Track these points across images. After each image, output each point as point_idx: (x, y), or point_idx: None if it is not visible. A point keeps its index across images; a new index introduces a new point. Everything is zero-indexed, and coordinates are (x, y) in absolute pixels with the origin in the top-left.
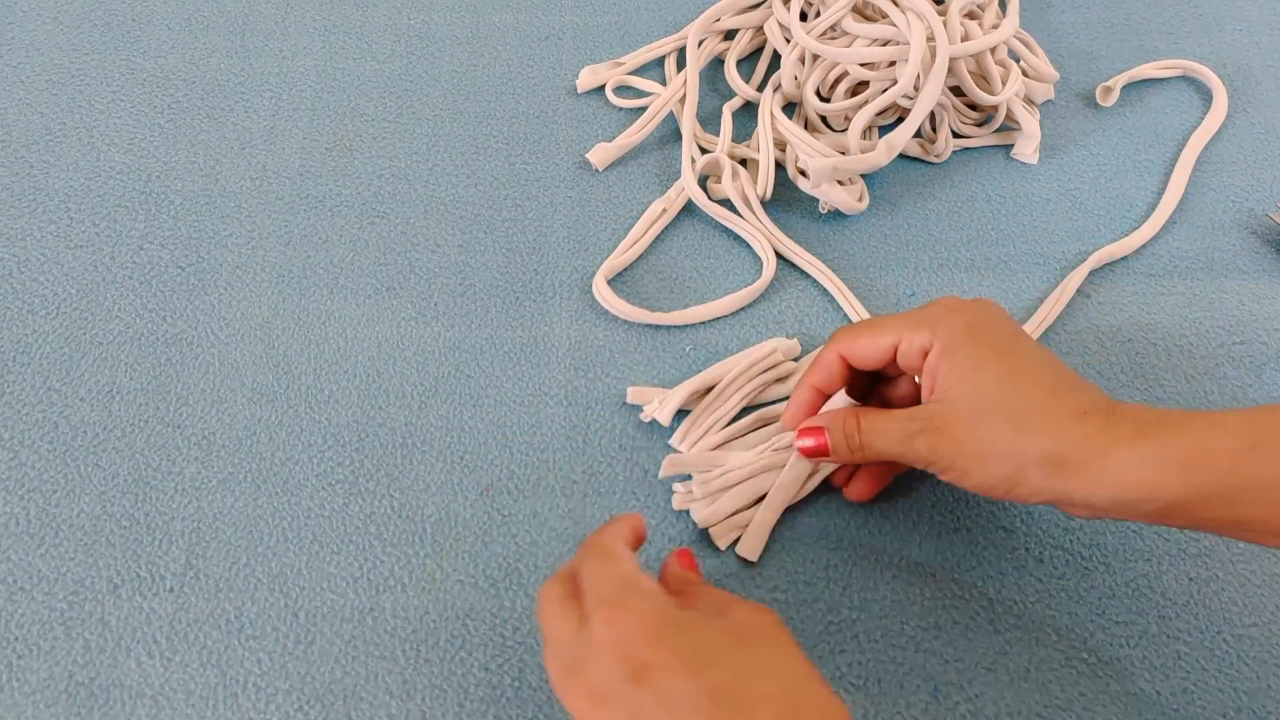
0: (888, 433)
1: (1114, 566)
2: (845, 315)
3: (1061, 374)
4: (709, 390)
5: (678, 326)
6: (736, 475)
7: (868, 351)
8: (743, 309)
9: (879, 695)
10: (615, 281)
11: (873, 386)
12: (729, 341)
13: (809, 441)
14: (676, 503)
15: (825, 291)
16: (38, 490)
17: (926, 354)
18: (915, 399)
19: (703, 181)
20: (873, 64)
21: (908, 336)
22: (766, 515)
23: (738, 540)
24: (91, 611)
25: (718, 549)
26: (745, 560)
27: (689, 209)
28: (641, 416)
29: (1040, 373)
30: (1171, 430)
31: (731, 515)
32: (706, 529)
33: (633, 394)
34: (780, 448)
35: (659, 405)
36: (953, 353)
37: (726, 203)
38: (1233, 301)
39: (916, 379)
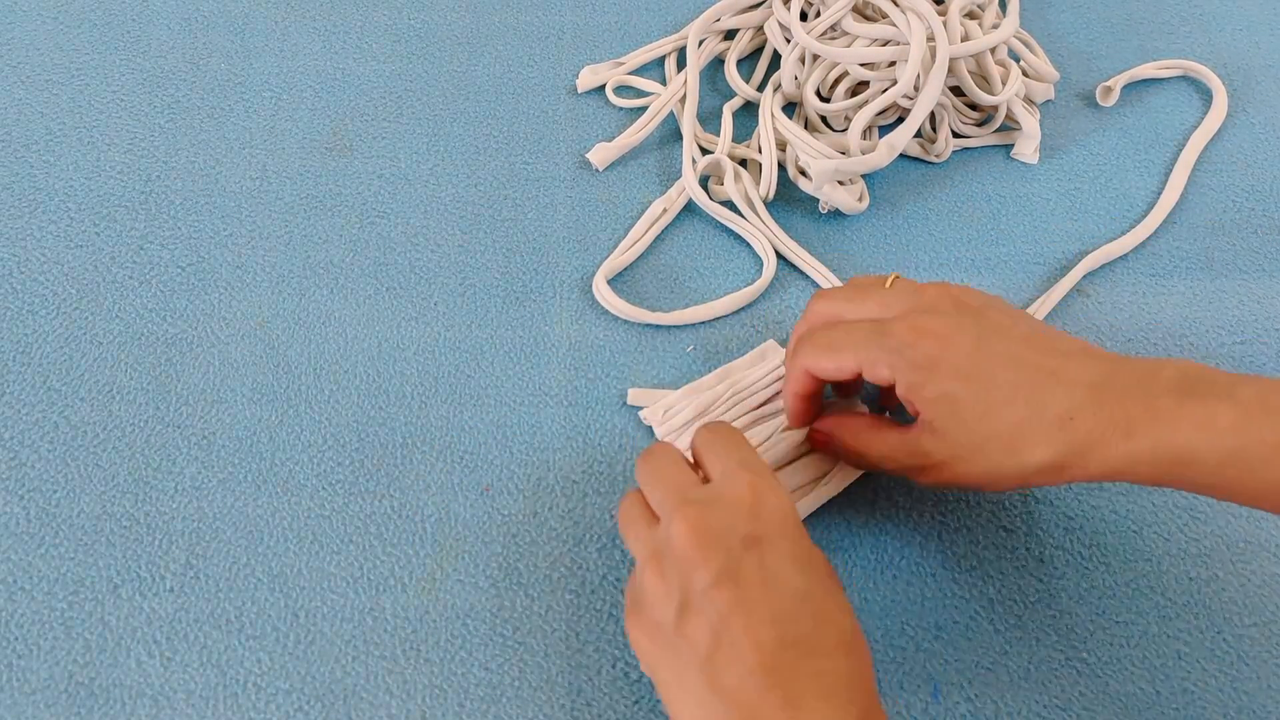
0: (890, 459)
1: (1114, 566)
2: None
3: (1037, 373)
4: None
5: (678, 326)
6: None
7: (833, 374)
8: (743, 309)
9: (879, 695)
10: (615, 281)
11: None
12: (729, 341)
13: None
14: None
15: None
16: (38, 490)
17: (889, 384)
18: None
19: (703, 182)
20: (873, 64)
21: (868, 369)
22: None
23: None
24: (91, 611)
25: None
26: None
27: (689, 209)
28: (642, 416)
29: (1015, 387)
30: (1163, 428)
31: None
32: None
33: (633, 396)
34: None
35: (661, 418)
36: (919, 389)
37: (727, 203)
38: (1232, 301)
39: None
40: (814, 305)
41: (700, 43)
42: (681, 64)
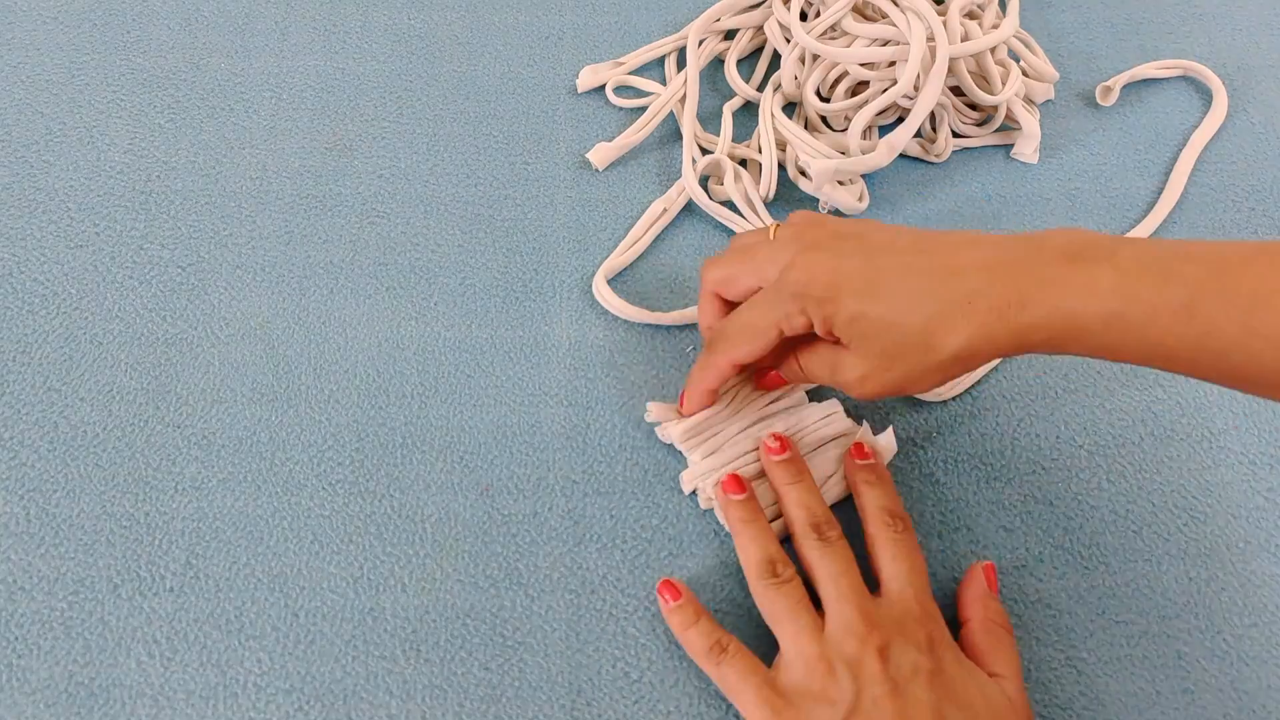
0: (828, 381)
1: (1114, 566)
2: None
3: (931, 273)
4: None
5: (678, 326)
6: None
7: (759, 353)
8: None
9: None
10: (615, 281)
11: None
12: None
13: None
14: (685, 485)
15: None
16: (38, 490)
17: (810, 328)
18: None
19: (703, 182)
20: (873, 64)
21: (786, 326)
22: None
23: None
24: (91, 611)
25: (709, 533)
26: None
27: (689, 209)
28: (659, 433)
29: (913, 291)
30: (1051, 295)
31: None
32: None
33: (653, 411)
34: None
35: (675, 424)
36: (831, 319)
37: (727, 203)
38: None
39: None
40: (707, 275)
41: (700, 43)
42: (681, 64)
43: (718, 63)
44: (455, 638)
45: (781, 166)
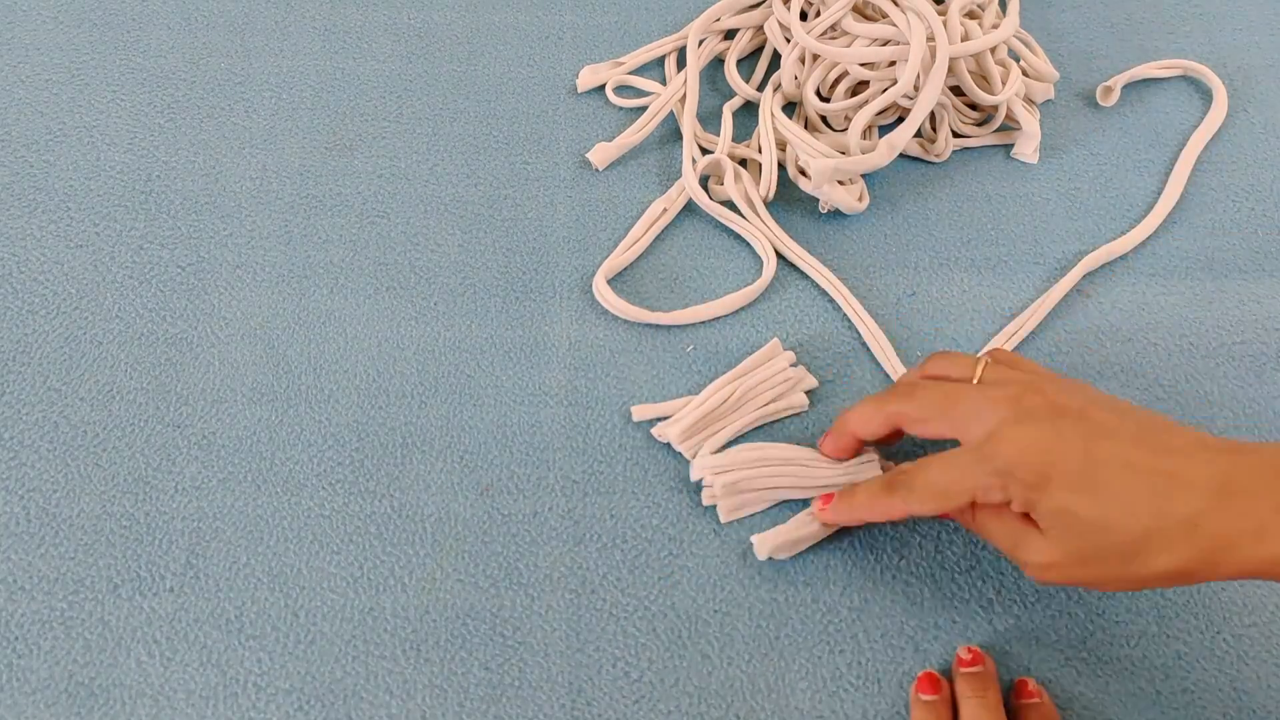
0: (995, 535)
1: None
2: (844, 315)
3: (1154, 477)
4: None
5: (678, 326)
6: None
7: (945, 510)
8: (743, 309)
9: (878, 695)
10: (615, 281)
11: None
12: (729, 341)
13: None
14: (706, 498)
15: (825, 292)
16: (38, 490)
17: (1007, 504)
18: None
19: (703, 182)
20: (873, 64)
21: (982, 496)
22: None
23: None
24: (91, 611)
25: (709, 533)
26: (750, 552)
27: (689, 209)
28: (654, 432)
29: (1133, 496)
30: None
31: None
32: (719, 517)
33: (637, 412)
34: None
35: (672, 424)
36: (1034, 506)
37: (727, 203)
38: (1233, 301)
39: None
40: (893, 404)
41: (700, 43)
42: (681, 64)
43: (718, 62)
44: (455, 638)
45: (781, 166)
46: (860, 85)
